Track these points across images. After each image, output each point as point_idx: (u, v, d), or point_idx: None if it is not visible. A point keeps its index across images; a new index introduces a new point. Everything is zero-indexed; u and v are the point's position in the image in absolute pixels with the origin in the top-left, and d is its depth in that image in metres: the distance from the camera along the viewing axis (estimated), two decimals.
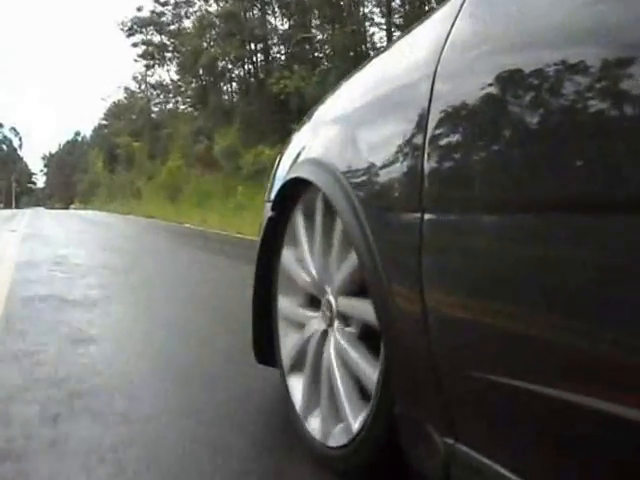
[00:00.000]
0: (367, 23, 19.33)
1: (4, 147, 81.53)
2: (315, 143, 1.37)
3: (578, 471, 0.68)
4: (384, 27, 18.53)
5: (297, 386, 1.41)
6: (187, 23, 27.13)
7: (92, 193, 49.41)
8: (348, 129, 1.20)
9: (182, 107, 30.40)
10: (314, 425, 1.31)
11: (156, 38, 30.41)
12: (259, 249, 1.56)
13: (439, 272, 0.87)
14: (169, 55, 30.25)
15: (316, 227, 1.32)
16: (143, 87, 39.14)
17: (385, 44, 15.22)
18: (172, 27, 28.86)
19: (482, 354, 0.80)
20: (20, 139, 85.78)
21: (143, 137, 37.12)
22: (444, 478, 0.88)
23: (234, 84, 25.21)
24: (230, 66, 24.09)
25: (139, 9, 29.48)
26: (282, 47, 22.33)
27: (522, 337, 0.72)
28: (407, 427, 1.00)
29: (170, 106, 33.34)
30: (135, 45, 31.10)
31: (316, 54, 21.32)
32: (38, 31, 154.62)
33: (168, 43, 29.82)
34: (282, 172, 1.53)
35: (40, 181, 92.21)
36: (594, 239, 0.63)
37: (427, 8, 15.49)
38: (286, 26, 21.77)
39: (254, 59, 23.03)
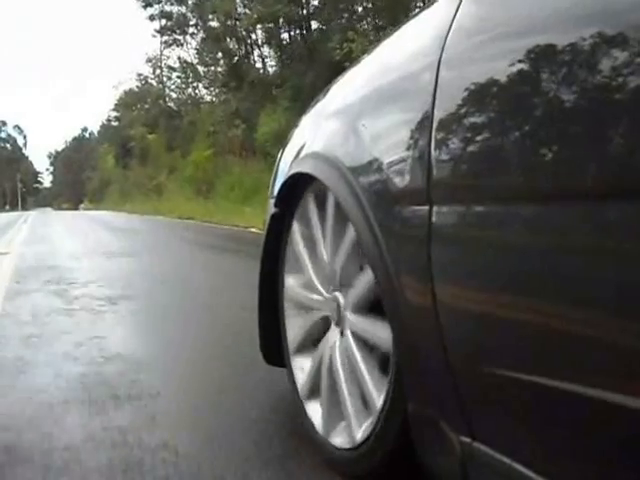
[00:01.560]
0: None
1: (8, 146, 79.97)
2: (317, 137, 1.32)
3: (601, 468, 0.66)
4: None
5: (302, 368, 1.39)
6: None
7: (103, 191, 46.14)
8: (351, 121, 1.15)
9: (204, 91, 26.63)
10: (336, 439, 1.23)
11: (176, 9, 26.40)
12: (263, 248, 1.50)
13: (450, 266, 0.84)
14: (191, 30, 26.24)
15: (321, 223, 1.28)
16: (158, 72, 35.67)
17: None
18: None
19: (497, 349, 0.77)
20: (24, 137, 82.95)
21: (159, 128, 34.13)
22: (461, 478, 0.85)
23: (272, 54, 21.19)
24: (271, 31, 20.02)
25: None
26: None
27: (538, 331, 0.70)
28: (421, 426, 0.95)
29: (189, 91, 29.65)
30: (152, 18, 27.15)
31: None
32: (40, 23, 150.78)
33: (190, 15, 25.79)
34: (284, 168, 1.46)
35: (46, 181, 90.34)
36: (611, 229, 0.61)
37: None
38: None
39: (305, 21, 18.97)
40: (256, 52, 22.07)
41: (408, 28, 1.10)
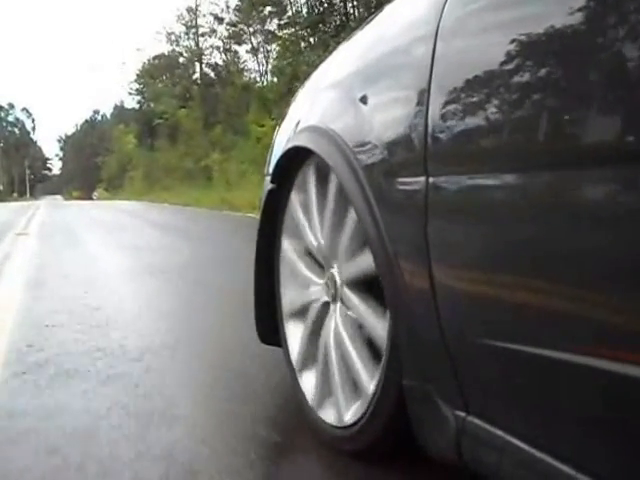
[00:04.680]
0: None
1: (16, 130, 75.09)
2: (313, 111, 1.32)
3: (596, 440, 0.66)
4: None
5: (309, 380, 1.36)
6: None
7: (121, 178, 39.88)
8: (348, 94, 1.14)
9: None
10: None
11: None
12: (260, 224, 1.50)
13: (446, 239, 0.84)
14: None
15: (318, 196, 1.27)
16: (193, 31, 29.56)
17: None
18: None
19: (492, 323, 0.78)
20: (33, 121, 78.51)
21: (193, 99, 27.68)
22: (456, 452, 0.85)
23: None
24: None
25: None
26: None
27: (533, 305, 0.71)
28: (416, 401, 0.96)
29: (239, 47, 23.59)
30: None
31: None
32: (50, 2, 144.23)
33: None
34: (280, 143, 1.46)
35: (56, 167, 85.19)
36: (611, 202, 0.60)
37: None
38: None
39: None
40: None
41: None
